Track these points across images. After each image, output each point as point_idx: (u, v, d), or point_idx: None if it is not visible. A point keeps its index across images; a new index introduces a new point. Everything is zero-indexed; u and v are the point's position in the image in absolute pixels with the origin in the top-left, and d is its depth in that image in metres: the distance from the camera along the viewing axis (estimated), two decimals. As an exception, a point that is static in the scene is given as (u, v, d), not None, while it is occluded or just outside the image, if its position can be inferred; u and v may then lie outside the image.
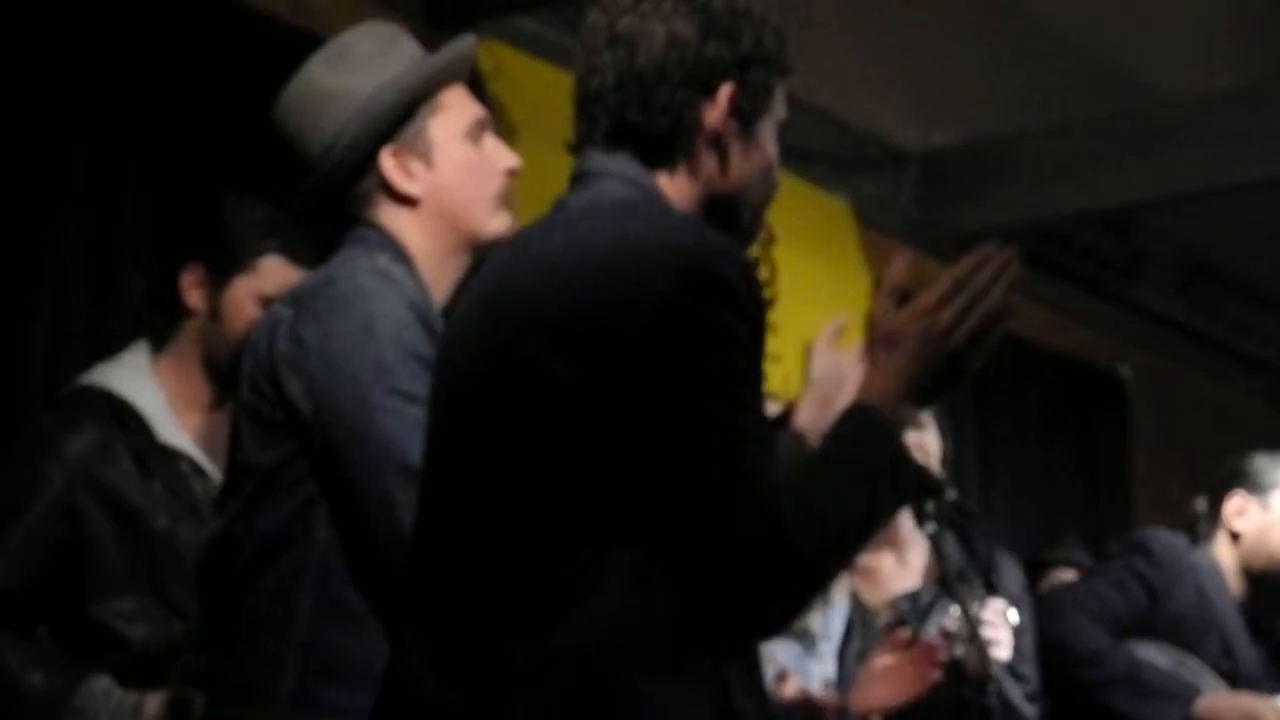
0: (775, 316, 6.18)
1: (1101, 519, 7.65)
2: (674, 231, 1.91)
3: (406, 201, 2.43)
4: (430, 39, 4.78)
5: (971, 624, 3.16)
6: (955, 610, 3.22)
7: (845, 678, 3.27)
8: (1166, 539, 3.84)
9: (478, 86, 4.67)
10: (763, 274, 6.10)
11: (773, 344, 1.89)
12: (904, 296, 2.01)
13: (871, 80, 6.27)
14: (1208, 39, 6.36)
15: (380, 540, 2.19)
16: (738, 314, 1.83)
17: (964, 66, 6.20)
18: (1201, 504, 3.94)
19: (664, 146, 2.01)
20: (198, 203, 3.28)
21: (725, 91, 2.02)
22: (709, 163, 2.02)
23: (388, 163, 2.44)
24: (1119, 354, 8.31)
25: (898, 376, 1.92)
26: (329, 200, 2.47)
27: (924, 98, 6.53)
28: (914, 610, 3.46)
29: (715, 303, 1.82)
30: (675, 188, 2.01)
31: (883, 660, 3.13)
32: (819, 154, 6.31)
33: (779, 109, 2.11)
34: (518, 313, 1.90)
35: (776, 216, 6.84)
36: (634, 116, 2.00)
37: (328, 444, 2.23)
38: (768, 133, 2.08)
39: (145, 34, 4.13)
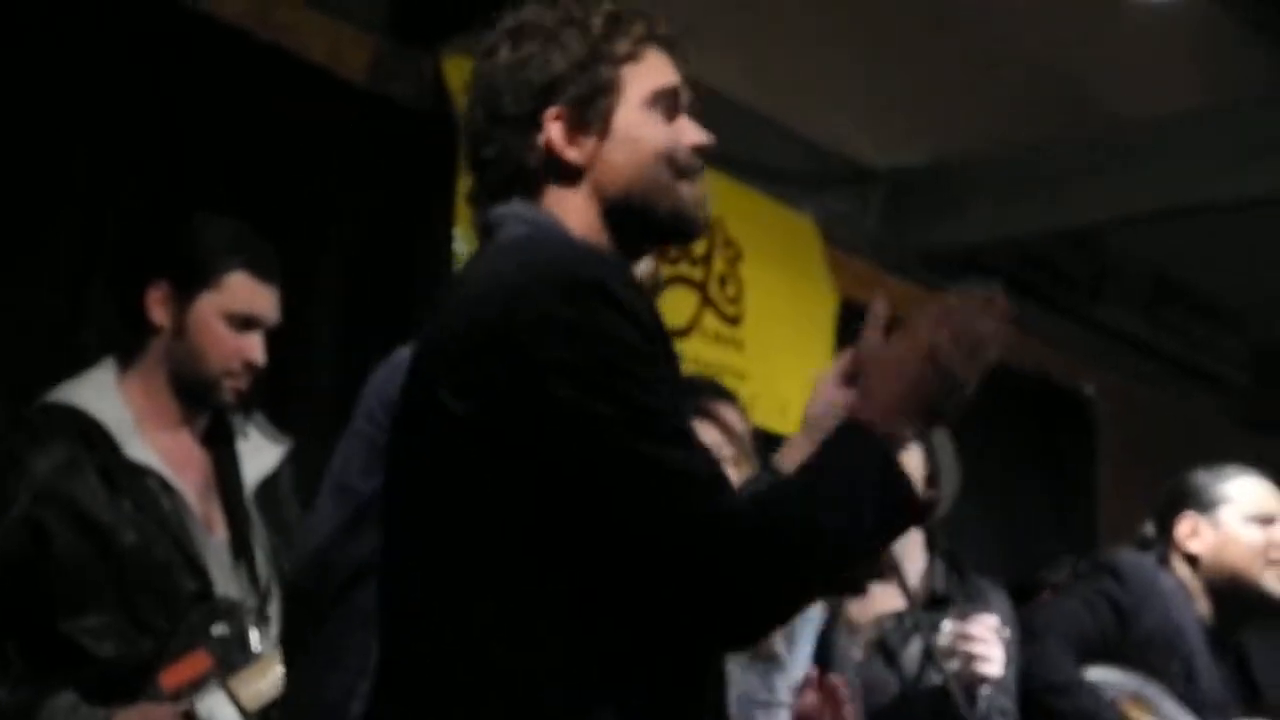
0: (741, 333, 6.21)
1: (1067, 537, 7.67)
2: (544, 253, 1.88)
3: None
4: (397, 55, 4.81)
5: (933, 649, 3.14)
6: (947, 626, 3.21)
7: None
8: (1135, 560, 3.84)
9: (444, 102, 4.70)
10: (730, 291, 6.13)
11: (739, 360, 1.88)
12: (889, 329, 1.99)
13: (839, 98, 6.29)
14: (1172, 60, 6.39)
15: None
16: (616, 314, 1.78)
17: (931, 85, 6.22)
18: (1149, 527, 3.95)
19: (525, 186, 2.01)
20: (165, 219, 3.27)
21: (549, 116, 2.00)
22: (577, 179, 2.00)
23: None
24: (1084, 372, 8.34)
25: (893, 400, 1.88)
26: None
27: (891, 116, 6.55)
28: (898, 630, 3.46)
29: (586, 308, 1.78)
30: (570, 212, 2.00)
31: (805, 701, 3.10)
32: (786, 171, 6.32)
33: (645, 84, 2.04)
34: (428, 354, 1.91)
35: (743, 233, 6.89)
36: (491, 170, 2.02)
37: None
38: (634, 117, 2.02)
39: (113, 48, 4.11)
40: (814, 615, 3.23)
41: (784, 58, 5.95)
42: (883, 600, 3.52)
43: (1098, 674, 3.66)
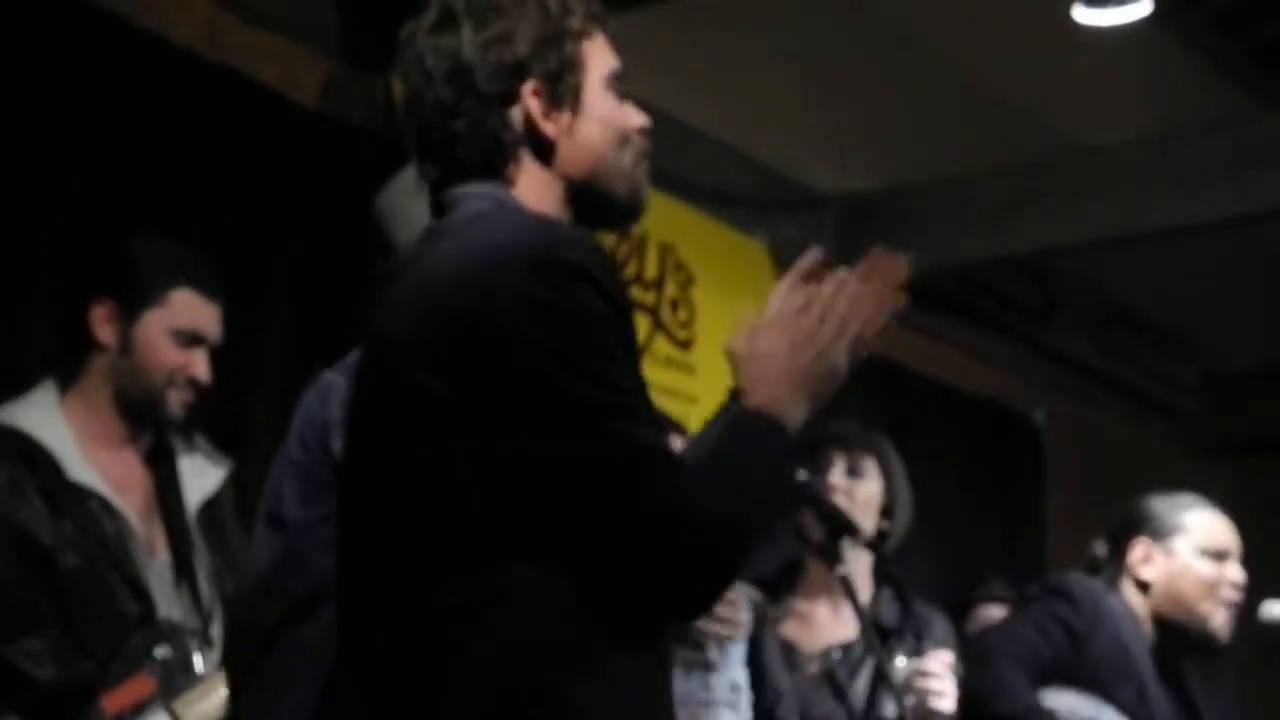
0: (693, 358, 6.21)
1: (1016, 561, 7.70)
2: (516, 229, 1.89)
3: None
4: (349, 78, 4.80)
5: (889, 679, 3.15)
6: (901, 662, 3.22)
7: (762, 689, 3.26)
8: (1085, 583, 3.84)
9: (394, 122, 4.70)
10: (681, 315, 6.14)
11: (691, 385, 1.89)
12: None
13: (792, 124, 6.31)
14: (1121, 87, 6.44)
15: None
16: (591, 292, 1.80)
17: (883, 112, 6.25)
18: (1101, 548, 3.95)
19: (495, 163, 2.00)
20: (108, 238, 3.26)
21: (526, 91, 2.00)
22: (550, 156, 2.01)
23: None
24: (1034, 398, 8.38)
25: (774, 389, 1.93)
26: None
27: (844, 142, 6.58)
28: (845, 660, 3.46)
29: (562, 286, 1.79)
30: (533, 191, 2.00)
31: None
32: (738, 196, 6.34)
33: (602, 63, 2.06)
34: (396, 340, 1.89)
35: (695, 257, 6.90)
36: (455, 152, 2.01)
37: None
38: (598, 96, 2.04)
39: (61, 68, 4.09)
40: (745, 620, 3.24)
41: (737, 82, 5.97)
42: (831, 629, 3.52)
43: (1054, 698, 3.67)
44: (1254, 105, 6.77)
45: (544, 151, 2.01)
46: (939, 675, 3.20)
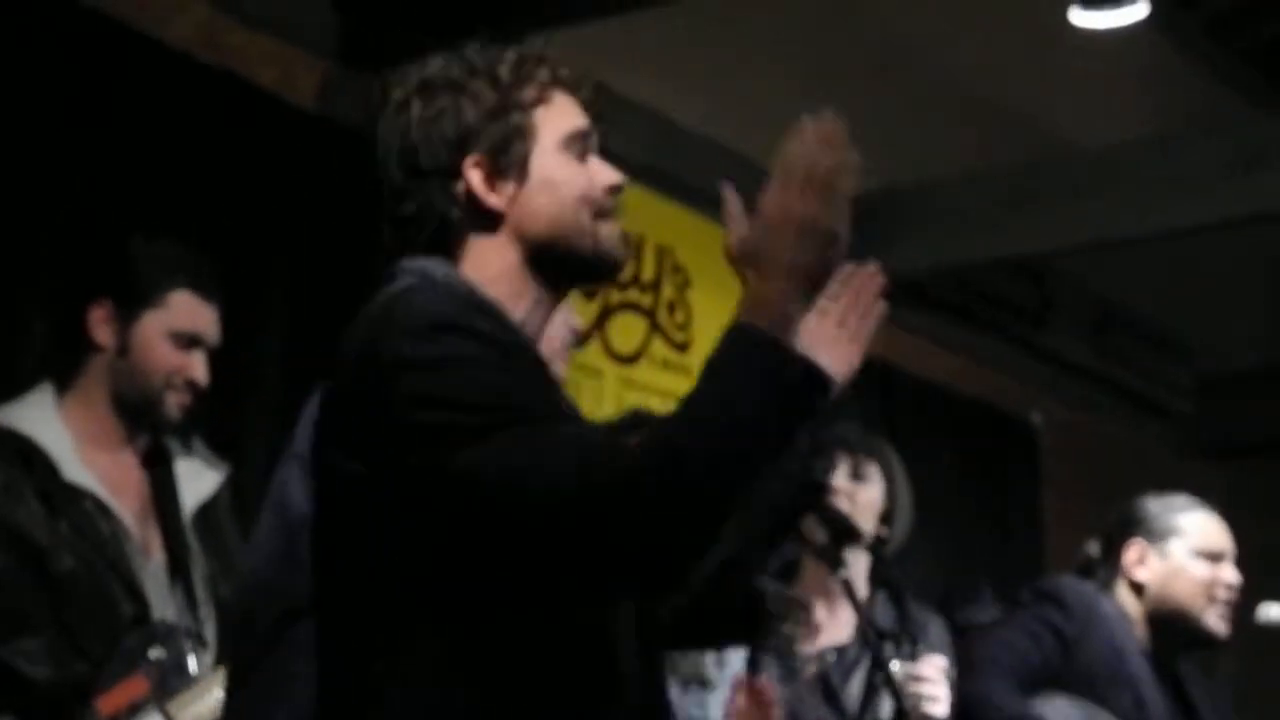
0: (690, 360, 6.21)
1: (1012, 564, 7.70)
2: (409, 301, 1.89)
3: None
4: (345, 79, 4.80)
5: (892, 681, 3.15)
6: (896, 665, 3.22)
7: None
8: (1077, 587, 3.83)
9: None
10: (678, 317, 6.14)
11: (688, 387, 1.87)
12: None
13: (787, 126, 6.30)
14: (1117, 90, 6.45)
15: None
16: (458, 337, 1.82)
17: (879, 114, 6.24)
18: (1094, 547, 3.94)
19: (442, 239, 2.02)
20: (106, 239, 3.26)
21: (468, 165, 2.01)
22: (498, 226, 2.02)
23: None
24: (1030, 400, 8.39)
25: (768, 282, 1.87)
26: None
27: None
28: (840, 664, 3.46)
29: (429, 338, 1.82)
30: (485, 261, 2.02)
31: (735, 706, 3.11)
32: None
33: (558, 127, 2.05)
34: (318, 423, 1.97)
35: (692, 259, 6.90)
36: (407, 226, 2.04)
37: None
38: (549, 163, 2.03)
39: (58, 68, 4.10)
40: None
41: (735, 84, 5.98)
42: (826, 632, 3.51)
43: (1045, 704, 3.66)
44: (1250, 108, 6.78)
45: (491, 222, 2.02)
46: (932, 680, 3.20)
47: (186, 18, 4.49)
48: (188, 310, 3.06)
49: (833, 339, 2.01)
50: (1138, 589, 3.81)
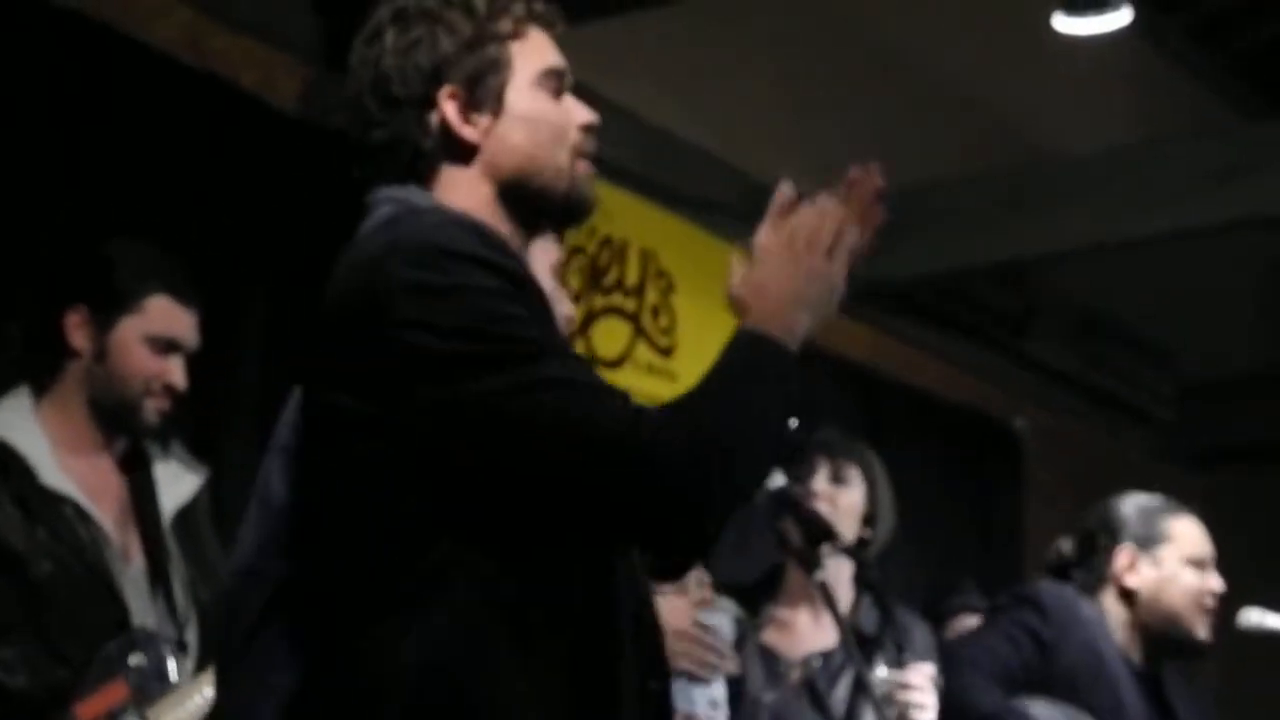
0: (674, 365, 6.21)
1: (995, 569, 7.70)
2: (401, 229, 1.88)
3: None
4: (329, 84, 4.79)
5: (871, 689, 3.15)
6: (880, 672, 3.22)
7: (741, 708, 3.26)
8: (1056, 591, 3.83)
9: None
10: (662, 322, 6.13)
11: (672, 392, 1.87)
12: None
13: (773, 131, 6.31)
14: (1100, 96, 6.45)
15: None
16: (469, 266, 1.80)
17: (863, 120, 6.25)
18: (1068, 546, 3.92)
19: (415, 169, 2.01)
20: (86, 243, 3.24)
21: (443, 95, 2.00)
22: (472, 158, 2.01)
23: None
24: (1013, 407, 8.40)
25: (776, 309, 1.91)
26: None
27: (823, 150, 6.57)
28: (825, 669, 3.46)
29: (437, 266, 1.80)
30: (458, 193, 2.00)
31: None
32: (720, 203, 6.34)
33: (534, 62, 2.05)
34: (308, 361, 1.94)
35: (677, 264, 6.89)
36: (379, 154, 2.02)
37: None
38: (525, 95, 2.03)
39: (39, 70, 4.08)
40: (725, 629, 3.24)
41: (719, 91, 5.97)
42: (812, 637, 3.51)
43: (1028, 707, 3.66)
44: (1233, 115, 6.79)
45: (465, 154, 2.01)
46: (920, 688, 3.20)
47: (169, 20, 4.48)
48: (165, 315, 3.05)
49: (800, 264, 1.97)
50: (1127, 595, 3.80)
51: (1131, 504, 3.89)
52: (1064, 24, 5.60)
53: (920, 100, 6.21)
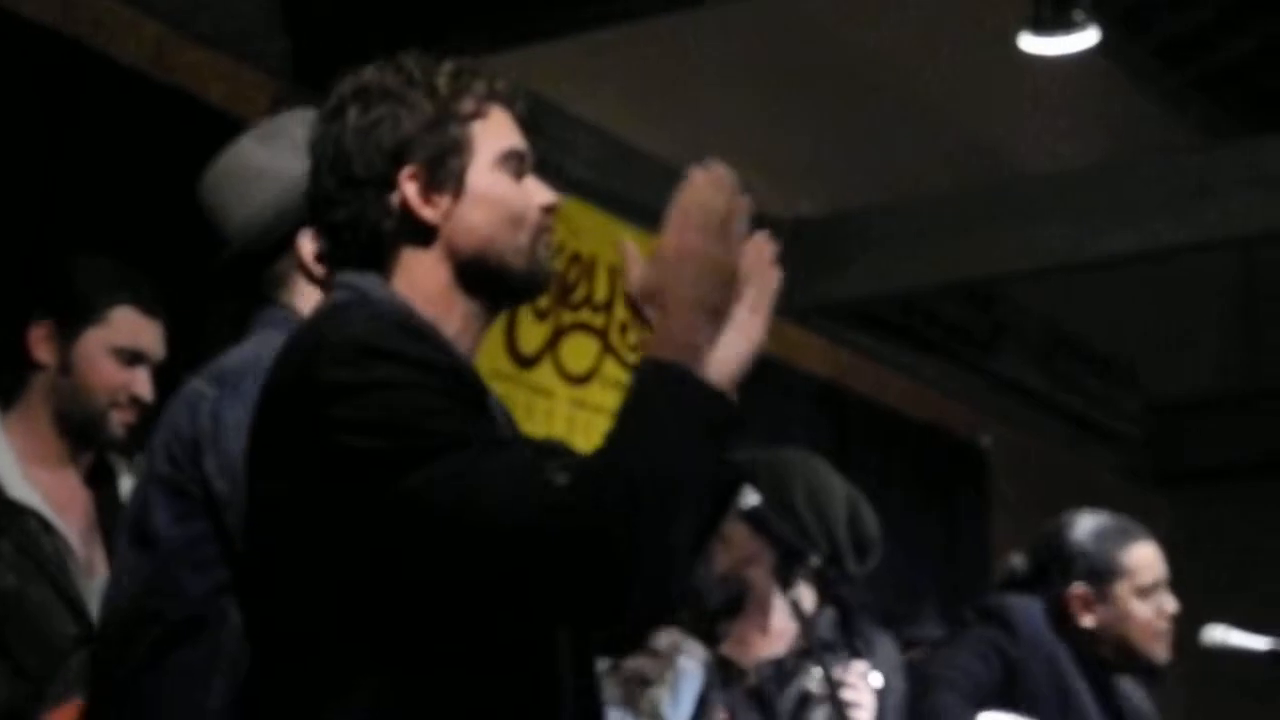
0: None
1: (960, 585, 7.72)
2: (341, 322, 1.88)
3: (319, 284, 2.39)
4: (296, 98, 4.79)
5: (832, 686, 3.16)
6: (817, 672, 3.23)
7: None
8: (1023, 608, 3.82)
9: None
10: (631, 339, 6.13)
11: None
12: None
13: (740, 148, 6.31)
14: (1068, 115, 6.49)
15: None
16: (395, 366, 1.80)
17: (831, 137, 6.27)
18: (1019, 562, 3.93)
19: (374, 250, 1.99)
20: (53, 257, 3.24)
21: (404, 176, 1.98)
22: (432, 239, 1.99)
23: (306, 246, 2.42)
24: (979, 424, 8.42)
25: (674, 319, 1.85)
26: (243, 274, 2.47)
27: (791, 167, 6.60)
28: (776, 675, 3.47)
29: (354, 363, 1.80)
30: (417, 275, 1.99)
31: None
32: (687, 221, 6.34)
33: (494, 144, 2.02)
34: (251, 438, 1.94)
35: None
36: (335, 244, 2.01)
37: (241, 523, 2.17)
38: (486, 177, 2.01)
39: (7, 86, 4.07)
40: (695, 675, 3.25)
41: (688, 107, 5.99)
42: (764, 647, 3.53)
43: None
44: (1200, 135, 6.84)
45: (424, 235, 1.99)
46: (855, 686, 3.22)
47: (139, 36, 4.47)
48: (130, 326, 3.04)
49: (734, 321, 1.90)
50: (1080, 632, 3.81)
51: (1084, 532, 3.87)
52: (1031, 44, 5.62)
53: (888, 118, 6.24)
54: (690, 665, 3.34)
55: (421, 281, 1.99)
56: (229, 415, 2.23)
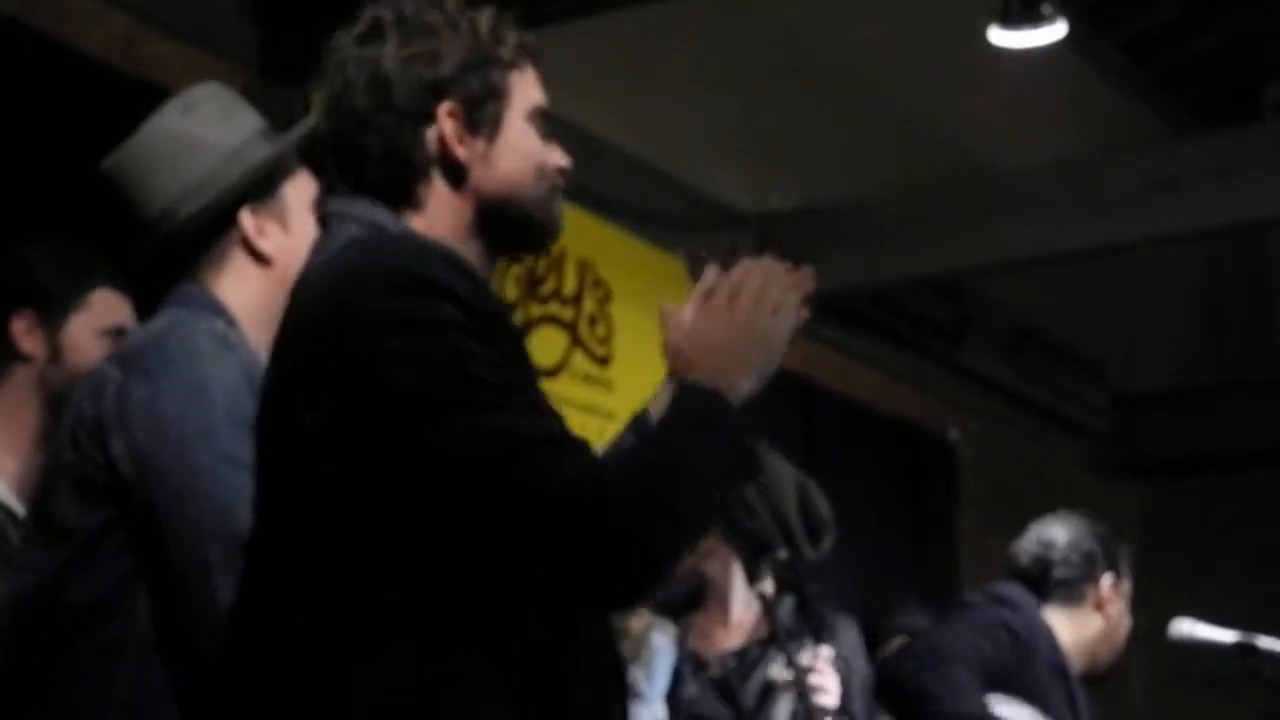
0: (611, 374, 6.22)
1: (930, 577, 7.75)
2: (375, 251, 1.88)
3: (261, 260, 2.37)
4: (266, 90, 4.78)
5: (798, 672, 3.18)
6: (782, 660, 3.25)
7: None
8: (1022, 594, 3.86)
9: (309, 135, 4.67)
10: (599, 331, 6.14)
11: (609, 401, 1.89)
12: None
13: (711, 143, 6.34)
14: (1038, 111, 6.51)
15: (192, 613, 2.10)
16: (444, 300, 1.79)
17: (802, 132, 6.28)
18: (1025, 555, 3.95)
19: (403, 181, 1.98)
20: (17, 249, 3.22)
21: (442, 111, 1.97)
22: (462, 179, 1.99)
23: (247, 220, 2.37)
24: (949, 418, 8.45)
25: (718, 364, 1.92)
26: (173, 252, 2.39)
27: (762, 161, 6.61)
28: (739, 666, 3.49)
29: (414, 298, 1.79)
30: (440, 212, 1.99)
31: None
32: (657, 214, 6.36)
33: (526, 96, 2.04)
34: (272, 373, 1.92)
35: (614, 274, 6.91)
36: (365, 164, 1.99)
37: (149, 507, 2.14)
38: (518, 127, 2.02)
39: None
40: (667, 650, 3.26)
41: (658, 102, 5.99)
42: (726, 639, 3.54)
43: (1000, 706, 3.69)
44: (1167, 129, 6.87)
45: (455, 174, 1.99)
46: (820, 671, 3.23)
47: (106, 27, 4.46)
48: (110, 305, 3.05)
49: (742, 320, 1.98)
50: (1089, 621, 3.85)
51: (1105, 532, 3.94)
52: (999, 37, 5.64)
53: (856, 112, 6.25)
54: (662, 641, 3.37)
55: (442, 218, 1.99)
56: (135, 393, 2.18)
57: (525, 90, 2.04)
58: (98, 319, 3.04)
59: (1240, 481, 9.45)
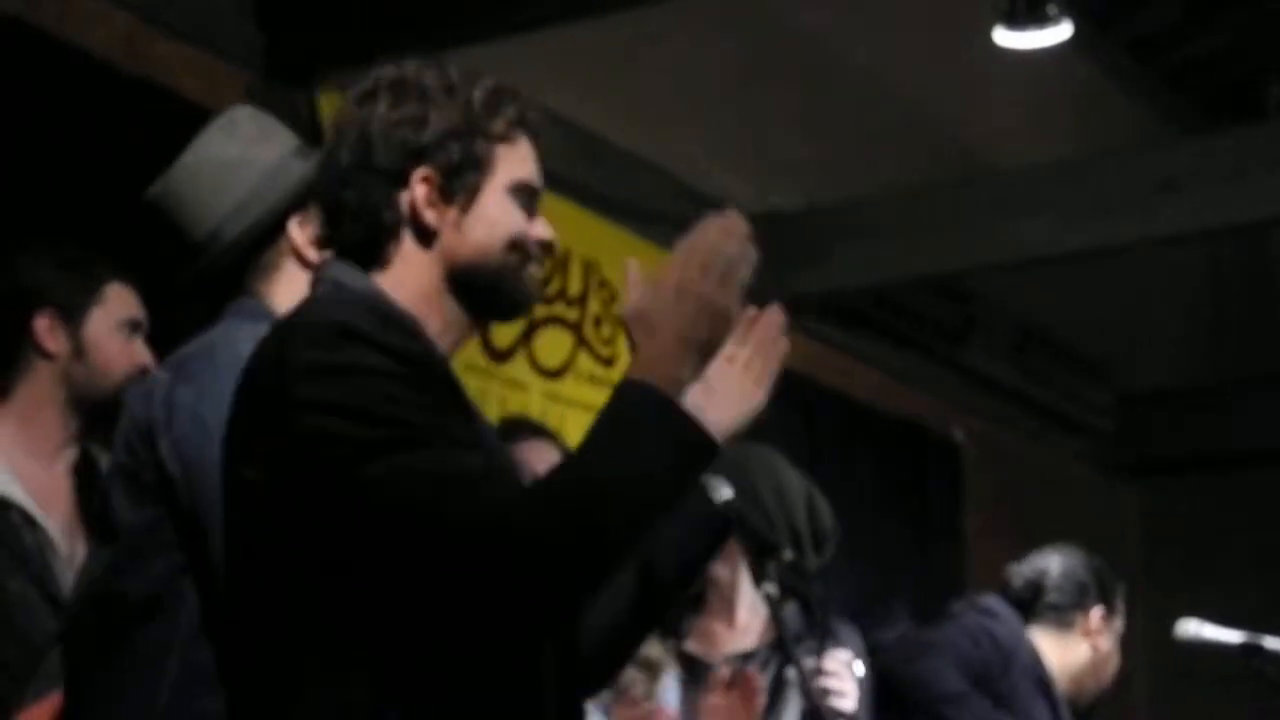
0: (616, 375, 6.20)
1: (933, 578, 7.74)
2: (318, 310, 1.92)
3: (312, 274, 2.42)
4: (270, 90, 4.78)
5: (805, 676, 3.17)
6: (810, 662, 3.24)
7: None
8: (1004, 606, 3.89)
9: (319, 140, 4.67)
10: (604, 332, 6.14)
11: (613, 402, 1.88)
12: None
13: (714, 142, 6.33)
14: (1042, 111, 6.51)
15: None
16: (363, 348, 1.83)
17: (805, 131, 6.28)
18: (1019, 577, 3.97)
19: (370, 243, 2.02)
20: (28, 253, 3.23)
21: (417, 176, 2.00)
22: (431, 244, 2.02)
23: (296, 231, 2.46)
24: (952, 417, 8.44)
25: (661, 348, 1.90)
26: (223, 270, 2.49)
27: (765, 161, 6.61)
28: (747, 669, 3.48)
29: (332, 347, 1.83)
30: (409, 271, 2.02)
31: (712, 701, 3.15)
32: (660, 214, 6.35)
33: (513, 170, 2.06)
34: (228, 428, 1.97)
35: (618, 275, 6.90)
36: (337, 224, 2.04)
37: (194, 506, 2.23)
38: (495, 199, 2.04)
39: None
40: (673, 701, 3.26)
41: (661, 101, 5.99)
42: (731, 642, 3.54)
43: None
44: (1171, 129, 6.86)
45: (425, 237, 2.01)
46: (837, 674, 3.23)
47: (108, 27, 4.46)
48: (124, 299, 3.10)
49: (738, 383, 1.99)
50: (1071, 647, 3.87)
51: (1098, 566, 3.96)
52: (1005, 38, 5.63)
53: (861, 111, 6.25)
54: (669, 691, 3.37)
55: (411, 278, 2.01)
56: (181, 398, 2.28)
57: (513, 164, 2.06)
58: (115, 313, 3.07)
59: (1242, 481, 9.45)
